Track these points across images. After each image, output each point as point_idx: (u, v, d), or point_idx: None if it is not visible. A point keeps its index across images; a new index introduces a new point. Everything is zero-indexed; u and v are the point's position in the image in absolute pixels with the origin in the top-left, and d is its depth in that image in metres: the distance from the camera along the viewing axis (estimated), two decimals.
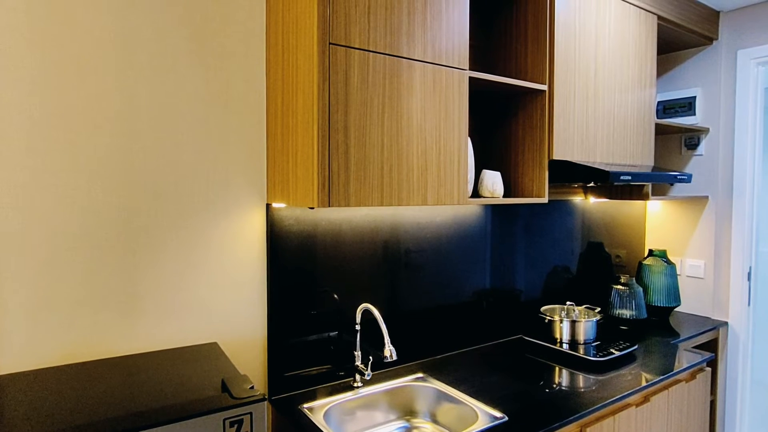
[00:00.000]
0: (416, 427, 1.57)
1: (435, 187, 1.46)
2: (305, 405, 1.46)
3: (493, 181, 1.75)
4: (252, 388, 1.00)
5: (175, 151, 1.37)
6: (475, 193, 1.80)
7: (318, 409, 1.43)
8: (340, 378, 1.66)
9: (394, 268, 1.78)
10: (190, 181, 1.40)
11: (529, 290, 2.25)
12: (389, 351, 1.43)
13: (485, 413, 1.41)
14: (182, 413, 0.89)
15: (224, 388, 1.01)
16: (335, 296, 1.65)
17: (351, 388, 1.58)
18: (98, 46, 1.26)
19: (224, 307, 1.45)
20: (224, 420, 0.92)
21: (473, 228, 2.01)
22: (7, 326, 1.18)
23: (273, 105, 1.47)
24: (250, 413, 0.94)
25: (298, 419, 1.38)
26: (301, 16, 1.30)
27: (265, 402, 0.96)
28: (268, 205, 1.52)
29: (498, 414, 1.40)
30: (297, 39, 1.32)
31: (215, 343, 1.38)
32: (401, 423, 1.59)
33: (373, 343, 1.74)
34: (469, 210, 1.99)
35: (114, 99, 1.29)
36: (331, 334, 1.65)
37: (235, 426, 0.93)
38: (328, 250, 1.63)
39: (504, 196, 1.91)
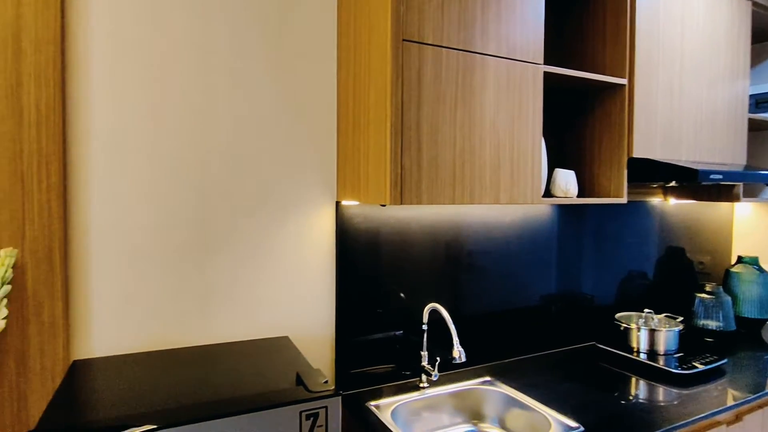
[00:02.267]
0: None
1: (508, 186, 1.41)
2: (372, 402, 1.45)
3: (566, 181, 1.67)
4: (326, 382, 1.00)
5: (249, 151, 1.42)
6: (547, 193, 1.73)
7: (385, 407, 1.43)
8: (405, 378, 1.65)
9: (458, 269, 1.75)
10: (262, 180, 1.44)
11: (601, 296, 2.14)
12: (458, 352, 1.40)
13: (559, 422, 1.35)
14: (263, 403, 0.91)
15: (299, 381, 1.03)
16: (402, 295, 1.64)
17: (417, 388, 1.56)
18: (180, 49, 1.33)
19: (295, 303, 1.48)
20: (301, 412, 0.93)
21: (542, 229, 1.93)
22: (100, 315, 1.26)
23: (344, 104, 1.49)
24: (326, 407, 0.95)
25: (366, 416, 1.38)
26: (374, 14, 1.30)
27: (340, 397, 0.96)
28: (337, 203, 1.53)
29: (573, 424, 1.34)
30: (370, 36, 1.32)
31: (287, 337, 1.41)
32: (468, 426, 1.55)
33: (438, 344, 1.71)
34: (540, 210, 1.92)
35: (193, 100, 1.35)
36: (397, 333, 1.64)
37: (311, 419, 0.94)
38: (394, 248, 1.62)
39: (578, 196, 1.82)
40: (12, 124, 1.15)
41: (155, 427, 0.84)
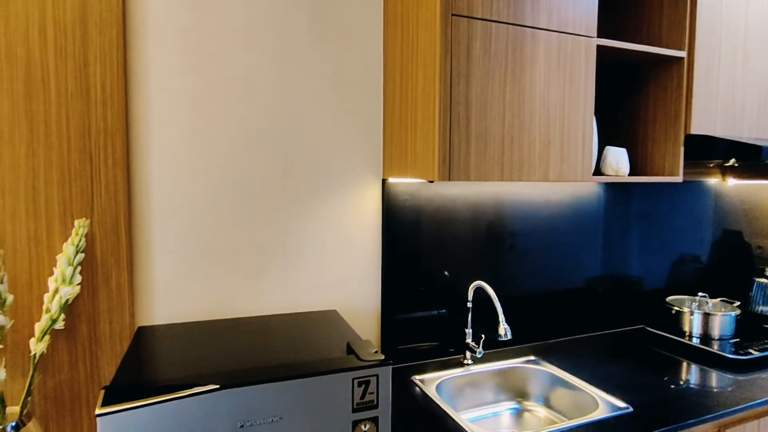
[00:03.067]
0: (528, 410, 1.54)
1: (557, 163, 1.39)
2: (417, 377, 1.48)
3: (618, 159, 1.62)
4: (377, 352, 1.03)
5: (297, 128, 1.45)
6: (597, 172, 1.68)
7: (429, 382, 1.45)
8: (449, 354, 1.67)
9: (502, 249, 1.74)
10: (310, 158, 1.47)
11: (650, 279, 2.07)
12: (504, 329, 1.40)
13: (606, 402, 1.34)
14: (318, 369, 0.95)
15: (350, 350, 1.06)
16: (446, 273, 1.65)
17: (461, 364, 1.57)
18: (229, 30, 1.36)
19: (342, 278, 1.52)
20: (353, 379, 0.96)
21: (590, 210, 1.89)
22: (161, 285, 1.33)
23: (390, 81, 1.49)
24: (377, 375, 0.98)
25: (411, 390, 1.41)
26: None
27: (390, 366, 0.99)
28: (383, 181, 1.55)
29: (621, 404, 1.32)
30: (418, 12, 1.32)
31: (335, 311, 1.45)
32: (512, 404, 1.56)
33: (482, 323, 1.72)
34: (588, 190, 1.88)
35: (243, 78, 1.38)
36: (440, 311, 1.65)
37: (363, 386, 0.97)
38: (439, 227, 1.63)
39: (629, 175, 1.77)
40: (81, 103, 1.22)
41: (218, 386, 0.89)
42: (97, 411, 0.84)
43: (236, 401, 0.90)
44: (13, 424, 1.09)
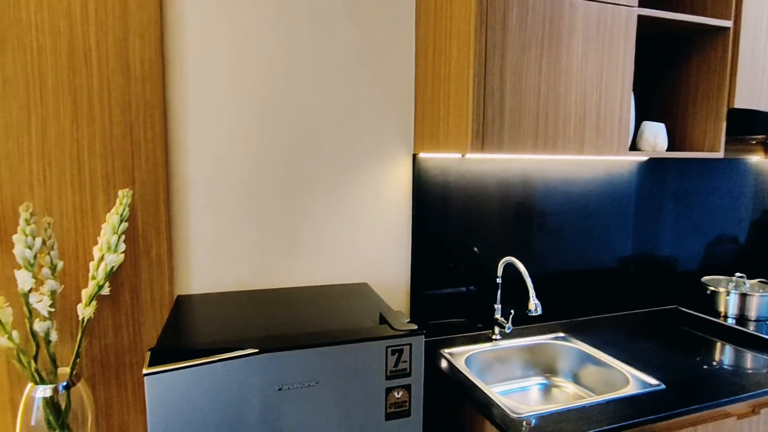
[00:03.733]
0: (557, 386, 1.54)
1: (593, 137, 1.36)
2: (446, 350, 1.50)
3: (655, 134, 1.58)
4: (409, 322, 1.05)
5: (328, 103, 1.45)
6: (633, 147, 1.64)
7: (458, 355, 1.47)
8: (478, 330, 1.68)
9: (532, 226, 1.72)
10: (342, 133, 1.47)
11: (684, 259, 2.03)
12: (534, 304, 1.40)
13: (637, 379, 1.33)
14: (353, 337, 0.97)
15: (383, 320, 1.08)
16: (475, 249, 1.65)
17: (490, 340, 1.58)
18: (264, 4, 1.36)
19: (372, 252, 1.54)
20: (387, 347, 0.98)
21: (623, 188, 1.85)
22: (198, 256, 1.37)
23: (422, 54, 1.47)
24: (410, 344, 1.00)
25: (440, 362, 1.43)
26: None
27: (423, 336, 1.01)
28: (414, 156, 1.54)
29: (653, 381, 1.31)
30: None
31: (366, 284, 1.47)
32: (541, 380, 1.57)
33: (511, 300, 1.71)
34: (621, 167, 1.83)
35: (278, 53, 1.39)
36: (470, 287, 1.66)
37: (396, 354, 0.99)
38: (468, 203, 1.62)
39: (667, 150, 1.72)
40: (122, 78, 1.25)
41: (257, 351, 0.92)
42: (145, 371, 0.88)
43: (274, 365, 0.93)
44: (64, 383, 1.15)
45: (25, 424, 1.15)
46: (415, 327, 1.02)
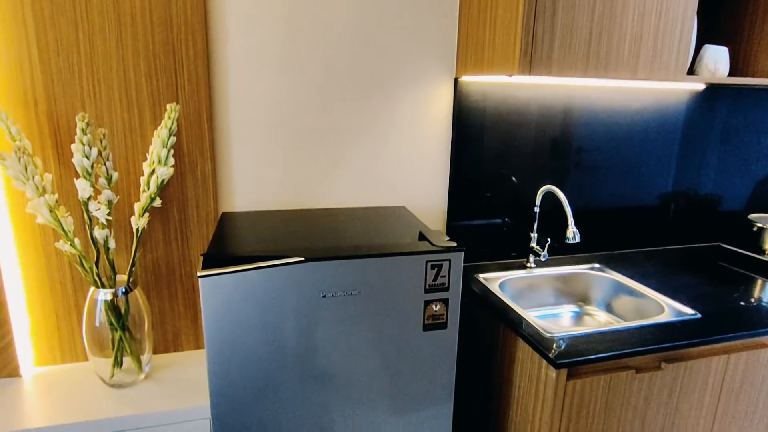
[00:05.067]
0: (589, 314, 1.56)
1: (648, 60, 1.29)
2: (480, 275, 1.53)
3: (716, 58, 1.48)
4: (449, 240, 1.07)
5: (371, 24, 1.41)
6: (691, 73, 1.55)
7: (492, 280, 1.50)
8: (512, 258, 1.69)
9: (575, 158, 1.68)
10: (384, 55, 1.44)
11: (730, 198, 1.96)
12: (572, 232, 1.39)
13: (673, 308, 1.33)
14: (395, 250, 1.00)
15: (422, 237, 1.10)
16: (513, 179, 1.63)
17: (524, 267, 1.60)
18: None
19: (410, 178, 1.54)
20: (427, 262, 1.01)
21: (668, 120, 1.76)
22: (241, 175, 1.41)
23: None
24: (449, 260, 1.02)
25: (475, 286, 1.46)
26: None
27: (462, 252, 1.03)
28: (456, 80, 1.50)
29: (689, 310, 1.31)
30: None
31: (404, 207, 1.49)
32: (573, 307, 1.59)
33: (547, 231, 1.71)
34: (672, 96, 1.74)
35: None
36: (505, 218, 1.66)
37: (436, 269, 1.02)
38: (510, 130, 1.58)
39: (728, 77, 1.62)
40: None
41: (303, 259, 0.96)
42: (199, 273, 0.93)
43: (319, 274, 0.97)
44: (123, 288, 1.24)
45: (90, 325, 1.25)
46: (455, 244, 1.03)
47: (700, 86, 1.74)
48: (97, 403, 1.21)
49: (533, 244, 1.58)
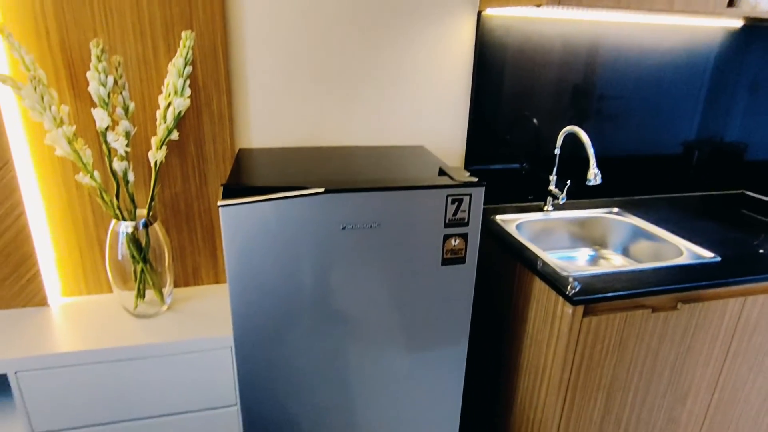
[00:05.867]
0: (605, 258, 1.56)
1: None
2: (497, 216, 1.52)
3: None
4: (470, 175, 1.05)
5: None
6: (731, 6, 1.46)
7: (509, 221, 1.49)
8: (529, 201, 1.68)
9: (594, 100, 1.62)
10: None
11: (757, 146, 1.90)
12: (594, 173, 1.37)
13: (692, 252, 1.32)
14: (415, 184, 0.99)
15: (443, 173, 1.09)
16: (534, 121, 1.59)
17: (541, 210, 1.59)
18: None
19: (428, 117, 1.51)
20: (447, 196, 1.00)
21: (699, 62, 1.68)
22: (257, 111, 1.39)
23: None
24: (470, 195, 1.01)
25: (492, 227, 1.45)
26: None
27: (483, 188, 1.01)
28: (479, 13, 1.44)
29: (708, 254, 1.30)
30: None
31: (422, 146, 1.46)
32: (589, 251, 1.59)
33: (565, 177, 1.68)
34: (705, 35, 1.65)
35: None
36: (523, 163, 1.63)
37: (456, 204, 1.01)
38: (534, 69, 1.53)
39: None
40: None
41: (323, 190, 0.96)
42: (219, 203, 0.94)
43: (339, 205, 0.97)
44: (143, 221, 1.25)
45: (113, 258, 1.28)
46: (476, 179, 1.02)
47: (737, 24, 1.65)
48: (123, 331, 1.25)
49: (552, 187, 1.56)
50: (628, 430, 1.30)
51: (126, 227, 1.23)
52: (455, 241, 1.04)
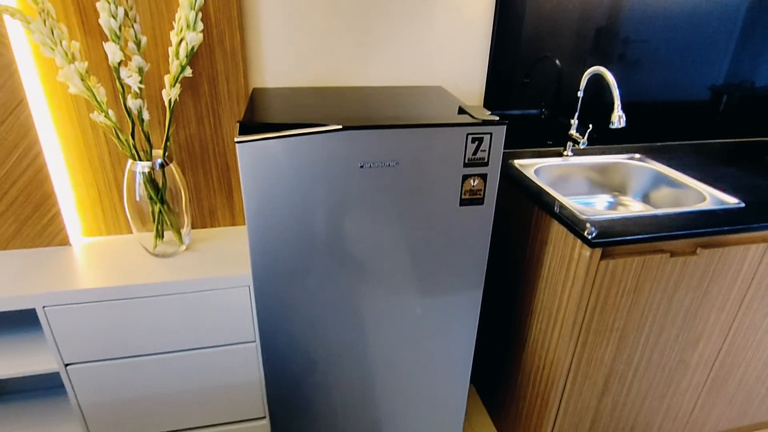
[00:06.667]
0: (624, 204, 1.54)
1: None
2: (515, 161, 1.49)
3: None
4: (491, 114, 1.02)
5: None
6: None
7: (527, 166, 1.46)
8: (549, 146, 1.64)
9: (618, 42, 1.54)
10: None
11: None
12: (618, 116, 1.32)
13: (715, 198, 1.29)
14: (435, 122, 0.96)
15: (462, 111, 1.06)
16: (557, 62, 1.53)
17: (560, 155, 1.55)
18: None
19: (447, 56, 1.45)
20: (467, 135, 0.98)
21: (732, 4, 1.58)
22: (271, 49, 1.34)
23: None
24: (491, 134, 0.98)
25: (510, 171, 1.43)
26: None
27: (505, 126, 0.98)
28: None
29: (732, 199, 1.27)
30: None
31: (441, 87, 1.42)
32: (608, 197, 1.56)
33: (587, 121, 1.63)
34: None
35: None
36: (543, 109, 1.58)
37: (476, 143, 0.99)
38: (558, 8, 1.45)
39: None
40: None
41: (341, 127, 0.94)
42: (236, 139, 0.92)
43: (358, 143, 0.95)
44: (159, 161, 1.25)
45: (131, 199, 1.28)
46: (497, 118, 0.99)
47: None
48: (144, 269, 1.28)
49: (572, 132, 1.52)
50: (638, 371, 1.32)
51: (143, 167, 1.23)
52: (474, 181, 1.02)
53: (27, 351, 1.31)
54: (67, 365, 1.27)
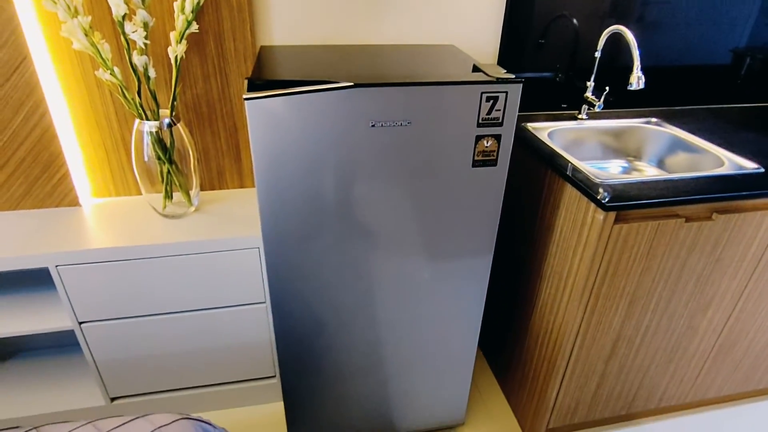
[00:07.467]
0: (638, 169, 1.51)
1: None
2: (529, 124, 1.46)
3: None
4: (506, 72, 0.99)
5: None
6: None
7: (541, 129, 1.43)
8: (562, 110, 1.60)
9: (637, 8, 1.48)
10: None
11: None
12: (637, 77, 1.28)
13: (734, 163, 1.26)
14: (449, 79, 0.93)
15: (476, 69, 1.02)
16: (574, 21, 1.47)
17: (575, 119, 1.51)
18: None
19: (460, 15, 1.40)
20: (482, 93, 0.95)
21: None
22: (277, 6, 1.30)
23: None
24: (506, 92, 0.95)
25: (523, 134, 1.40)
26: None
27: (521, 85, 0.95)
28: None
29: (752, 164, 1.24)
30: None
31: (453, 45, 1.37)
32: (622, 162, 1.53)
33: (603, 84, 1.58)
34: None
35: None
36: (558, 73, 1.52)
37: (491, 102, 0.96)
38: None
39: None
40: None
41: (352, 84, 0.91)
42: (245, 96, 0.90)
43: (369, 101, 0.92)
44: (167, 120, 1.23)
45: (139, 159, 1.27)
46: (513, 76, 0.96)
47: None
48: (154, 230, 1.28)
49: (588, 94, 1.48)
50: (647, 336, 1.32)
51: (150, 127, 1.22)
52: (488, 142, 1.00)
53: (41, 309, 1.33)
54: (81, 323, 1.29)
